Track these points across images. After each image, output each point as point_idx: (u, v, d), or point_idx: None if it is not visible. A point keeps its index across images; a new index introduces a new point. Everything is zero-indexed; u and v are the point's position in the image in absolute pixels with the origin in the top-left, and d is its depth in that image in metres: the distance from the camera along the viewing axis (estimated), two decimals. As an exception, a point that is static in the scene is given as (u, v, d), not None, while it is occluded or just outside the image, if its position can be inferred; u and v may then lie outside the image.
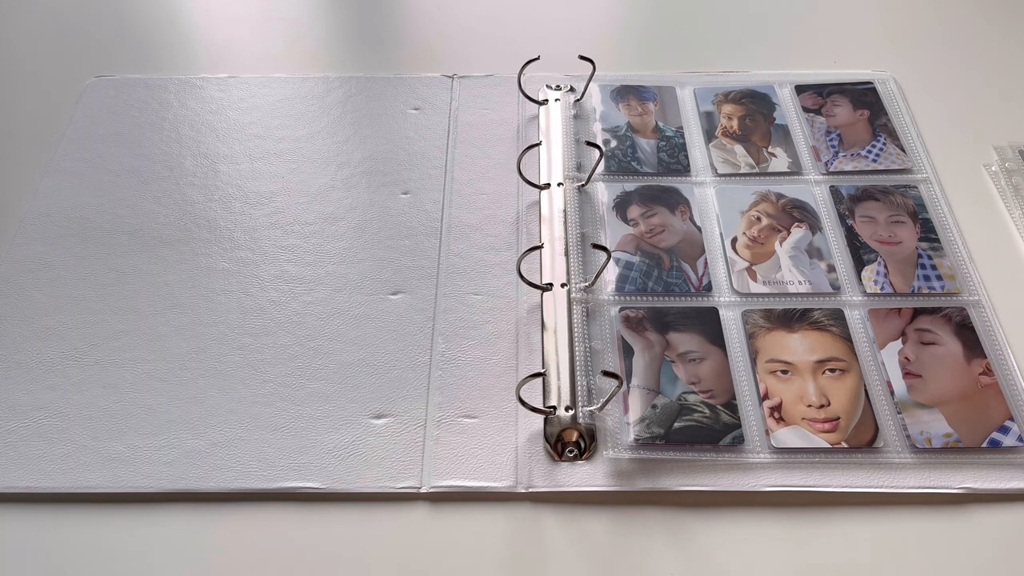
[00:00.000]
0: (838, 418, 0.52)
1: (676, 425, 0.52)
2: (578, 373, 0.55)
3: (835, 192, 0.65)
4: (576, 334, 0.56)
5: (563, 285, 0.59)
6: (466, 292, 0.60)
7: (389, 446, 0.52)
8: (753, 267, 0.61)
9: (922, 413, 0.52)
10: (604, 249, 0.59)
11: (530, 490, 0.50)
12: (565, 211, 0.63)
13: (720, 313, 0.58)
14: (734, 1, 0.85)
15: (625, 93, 0.73)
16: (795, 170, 0.67)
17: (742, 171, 0.67)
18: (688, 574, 0.47)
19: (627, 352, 0.56)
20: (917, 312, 0.57)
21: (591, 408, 0.53)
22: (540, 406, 0.53)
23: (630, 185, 0.66)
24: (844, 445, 0.51)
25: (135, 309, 0.59)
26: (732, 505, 0.50)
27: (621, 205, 0.65)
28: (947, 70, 0.76)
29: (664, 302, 0.59)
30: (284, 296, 0.60)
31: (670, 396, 0.53)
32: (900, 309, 0.58)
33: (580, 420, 0.53)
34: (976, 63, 0.77)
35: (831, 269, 0.60)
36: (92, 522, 0.50)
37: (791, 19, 0.83)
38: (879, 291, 0.59)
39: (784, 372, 0.54)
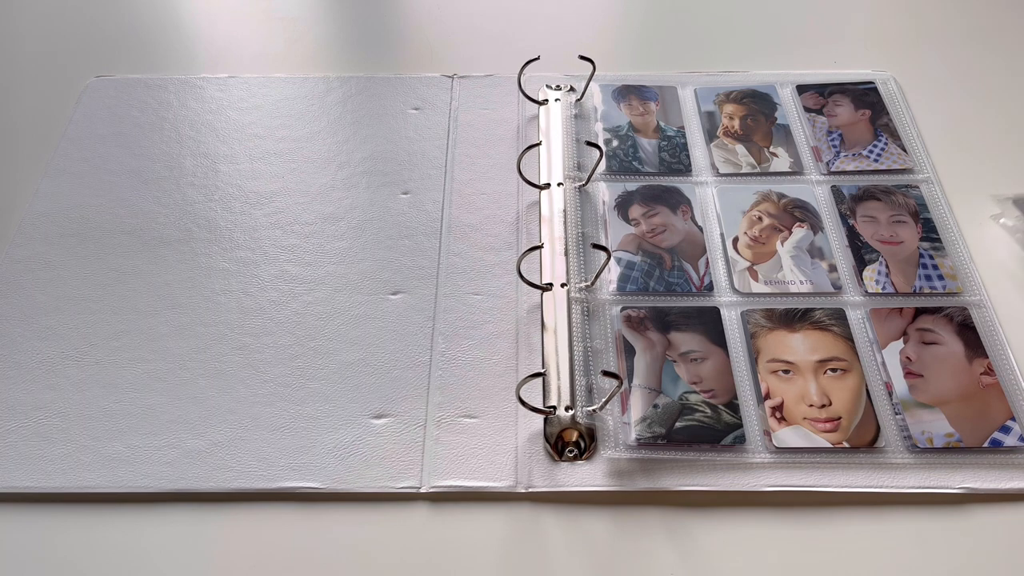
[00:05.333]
0: (839, 418, 0.52)
1: (678, 425, 0.52)
2: (578, 373, 0.55)
3: (836, 192, 0.65)
4: (576, 334, 0.56)
5: (563, 285, 0.59)
6: (466, 292, 0.60)
7: (389, 446, 0.52)
8: (754, 267, 0.60)
9: (923, 413, 0.52)
10: (604, 249, 0.59)
11: (530, 490, 0.50)
12: (565, 211, 0.63)
13: (721, 313, 0.58)
14: (734, 1, 0.85)
15: (626, 93, 0.73)
16: (796, 170, 0.67)
17: (743, 171, 0.67)
18: (688, 574, 0.47)
19: (629, 352, 0.56)
20: (919, 312, 0.57)
21: (591, 408, 0.53)
22: (540, 406, 0.53)
23: (632, 185, 0.66)
24: (845, 445, 0.51)
25: (135, 309, 0.59)
26: (733, 505, 0.50)
27: (623, 205, 0.64)
28: (947, 70, 0.76)
29: (665, 302, 0.59)
30: (284, 296, 0.60)
31: (672, 396, 0.53)
32: (901, 309, 0.58)
33: (580, 420, 0.53)
34: (976, 63, 0.77)
35: (832, 269, 0.60)
36: (92, 522, 0.50)
37: (791, 19, 0.83)
38: (880, 291, 0.59)
39: (785, 372, 0.54)
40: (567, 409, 0.53)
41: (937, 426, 0.52)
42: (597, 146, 0.66)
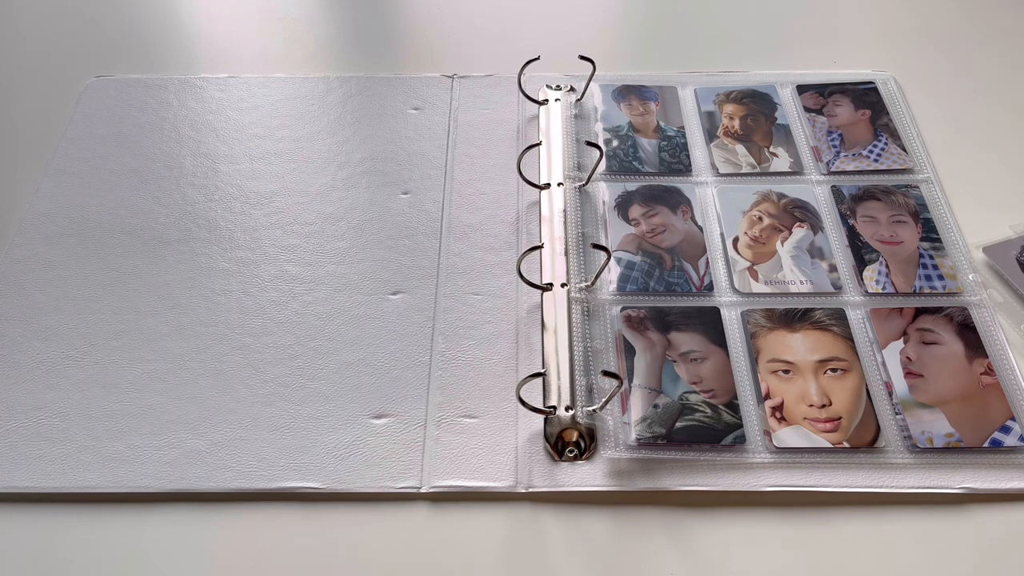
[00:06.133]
0: (839, 418, 0.52)
1: (678, 425, 0.52)
2: (578, 373, 0.55)
3: (836, 192, 0.65)
4: (576, 334, 0.56)
5: (563, 285, 0.59)
6: (466, 292, 0.60)
7: (389, 446, 0.52)
8: (754, 267, 0.60)
9: (924, 413, 0.52)
10: (604, 249, 0.59)
11: (530, 490, 0.50)
12: (565, 211, 0.63)
13: (722, 313, 0.58)
14: (734, 1, 0.85)
15: (626, 93, 0.73)
16: (796, 170, 0.67)
17: (743, 171, 0.67)
18: (688, 574, 0.47)
19: (629, 352, 0.56)
20: (919, 312, 0.57)
21: (591, 408, 0.53)
22: (540, 406, 0.53)
23: (632, 185, 0.66)
24: (845, 445, 0.51)
25: (135, 309, 0.59)
26: (732, 505, 0.50)
27: (623, 205, 0.64)
28: (947, 70, 0.76)
29: (665, 302, 0.59)
30: (284, 296, 0.60)
31: (672, 396, 0.53)
32: (902, 309, 0.58)
33: (580, 420, 0.53)
34: (976, 63, 0.77)
35: (832, 269, 0.60)
36: (92, 522, 0.50)
37: (791, 19, 0.83)
38: (880, 291, 0.59)
39: (785, 372, 0.54)
40: (567, 409, 0.53)
41: (937, 426, 0.52)
42: (597, 146, 0.66)
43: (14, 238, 0.63)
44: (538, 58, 0.72)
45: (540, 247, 0.61)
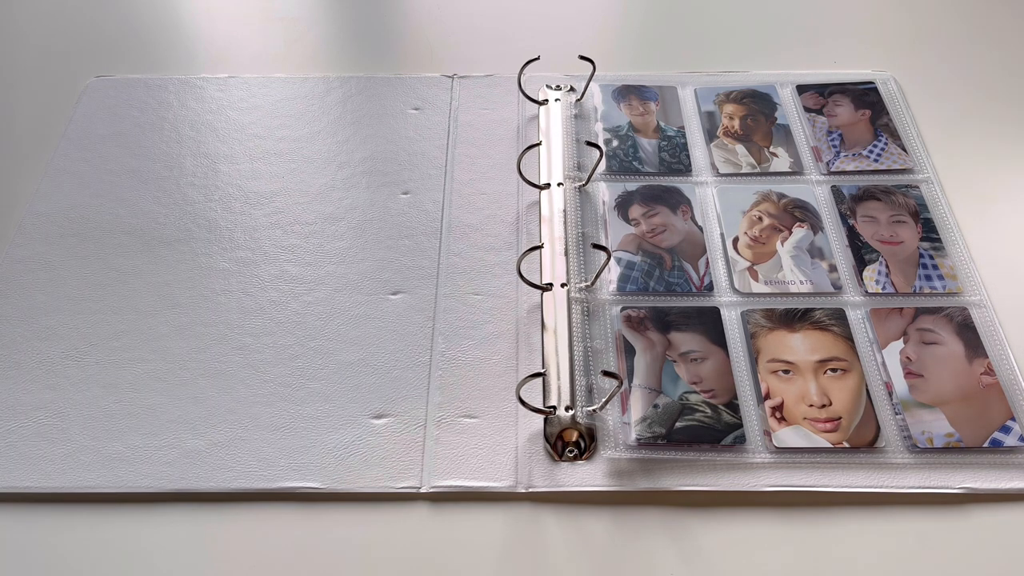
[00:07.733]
0: (839, 418, 0.52)
1: (678, 425, 0.52)
2: (578, 373, 0.55)
3: (836, 192, 0.65)
4: (576, 334, 0.56)
5: (563, 285, 0.59)
6: (466, 292, 0.60)
7: (389, 446, 0.52)
8: (754, 267, 0.60)
9: (924, 413, 0.52)
10: (604, 249, 0.59)
11: (530, 490, 0.50)
12: (565, 211, 0.63)
13: (721, 313, 0.58)
14: (734, 1, 0.85)
15: (626, 93, 0.73)
16: (796, 170, 0.67)
17: (743, 171, 0.67)
18: (688, 574, 0.47)
19: (629, 352, 0.56)
20: (919, 312, 0.57)
21: (591, 408, 0.53)
22: (540, 406, 0.53)
23: (632, 185, 0.66)
24: (845, 445, 0.51)
25: (135, 309, 0.59)
26: (732, 505, 0.50)
27: (623, 205, 0.64)
28: (947, 70, 0.76)
29: (665, 302, 0.59)
30: (284, 296, 0.60)
31: (672, 396, 0.53)
32: (902, 309, 0.58)
33: (580, 420, 0.53)
34: (976, 63, 0.77)
35: (832, 269, 0.60)
36: (92, 522, 0.50)
37: (791, 19, 0.83)
38: (880, 291, 0.59)
39: (785, 372, 0.54)
40: (567, 409, 0.53)
41: (937, 426, 0.52)
42: (597, 146, 0.66)
43: (14, 238, 0.63)
44: (538, 58, 0.72)
45: (540, 247, 0.61)
